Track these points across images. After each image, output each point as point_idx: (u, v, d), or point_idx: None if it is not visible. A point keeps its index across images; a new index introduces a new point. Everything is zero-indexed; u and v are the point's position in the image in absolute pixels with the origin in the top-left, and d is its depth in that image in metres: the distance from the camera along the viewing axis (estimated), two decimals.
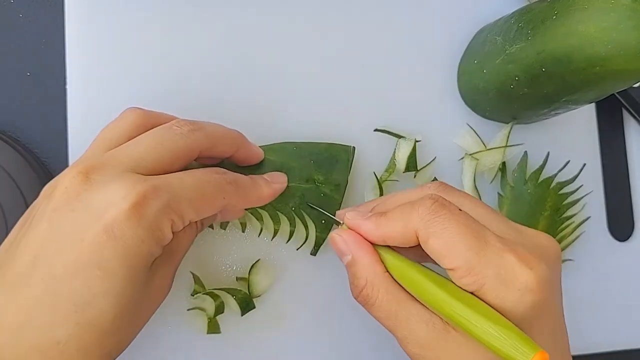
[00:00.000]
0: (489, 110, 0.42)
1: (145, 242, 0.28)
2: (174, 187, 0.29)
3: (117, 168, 0.29)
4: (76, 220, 0.28)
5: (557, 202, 0.42)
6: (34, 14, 0.39)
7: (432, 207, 0.29)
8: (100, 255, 0.27)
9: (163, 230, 0.29)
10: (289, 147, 0.38)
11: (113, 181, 0.28)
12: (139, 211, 0.27)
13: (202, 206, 0.31)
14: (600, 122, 0.46)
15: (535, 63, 0.35)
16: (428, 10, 0.43)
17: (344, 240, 0.33)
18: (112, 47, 0.39)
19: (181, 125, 0.32)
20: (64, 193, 0.28)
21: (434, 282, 0.29)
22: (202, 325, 0.38)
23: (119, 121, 0.33)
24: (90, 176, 0.28)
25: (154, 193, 0.28)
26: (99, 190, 0.28)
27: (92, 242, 0.27)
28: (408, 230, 0.30)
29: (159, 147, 0.30)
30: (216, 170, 0.33)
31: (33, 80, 0.39)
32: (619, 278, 0.45)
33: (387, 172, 0.41)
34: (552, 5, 0.34)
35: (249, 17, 0.41)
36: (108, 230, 0.27)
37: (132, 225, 0.27)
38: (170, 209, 0.29)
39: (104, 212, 0.27)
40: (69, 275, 0.27)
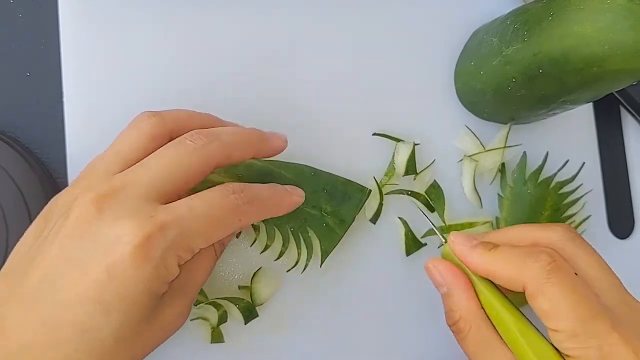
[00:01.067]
0: (487, 112, 0.42)
1: (146, 282, 0.28)
2: (184, 221, 0.29)
3: (130, 198, 0.29)
4: (84, 251, 0.28)
5: (557, 201, 0.42)
6: (34, 15, 0.39)
7: (548, 267, 0.29)
8: (101, 291, 0.27)
9: (168, 268, 0.29)
10: (307, 171, 0.39)
11: (124, 216, 0.28)
12: (142, 252, 0.27)
13: (213, 234, 0.30)
14: (598, 121, 0.46)
15: (532, 64, 0.35)
16: (423, 12, 0.43)
17: (439, 273, 0.33)
18: (108, 46, 0.39)
19: (195, 139, 0.31)
20: (77, 220, 0.29)
21: (525, 334, 0.29)
22: (205, 335, 0.38)
23: (133, 131, 0.32)
24: (101, 206, 0.28)
25: (161, 231, 0.28)
26: (108, 224, 0.28)
27: (95, 277, 0.27)
28: (516, 279, 0.30)
29: (175, 168, 0.30)
30: (233, 188, 0.31)
31: (33, 81, 0.39)
32: (621, 276, 0.44)
33: (387, 176, 0.41)
34: (547, 5, 0.34)
35: (246, 20, 0.41)
36: (110, 270, 0.27)
37: (133, 267, 0.27)
38: (177, 245, 0.29)
39: (110, 249, 0.28)
40: (72, 304, 0.27)
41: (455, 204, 0.42)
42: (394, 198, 0.41)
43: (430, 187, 0.42)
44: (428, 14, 0.43)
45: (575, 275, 0.29)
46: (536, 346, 0.29)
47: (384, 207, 0.41)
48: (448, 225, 0.41)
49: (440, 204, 0.42)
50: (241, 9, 0.41)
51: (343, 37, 0.42)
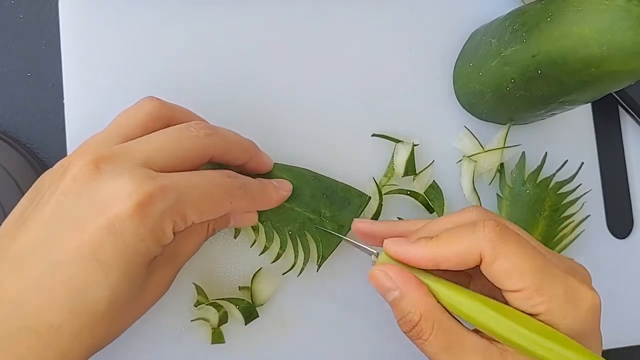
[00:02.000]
0: (486, 112, 0.42)
1: (145, 241, 0.28)
2: (182, 189, 0.29)
3: (129, 161, 0.29)
4: (81, 209, 0.28)
5: (556, 201, 0.42)
6: (34, 15, 0.39)
7: (497, 228, 0.29)
8: (100, 248, 0.27)
9: (164, 231, 0.29)
10: (307, 175, 0.39)
11: (122, 175, 0.28)
12: (143, 211, 0.28)
13: (207, 209, 0.31)
14: (596, 121, 0.46)
15: (530, 65, 0.35)
16: (421, 13, 0.43)
17: (387, 276, 0.30)
18: (109, 46, 0.39)
19: (199, 128, 0.32)
20: (74, 180, 0.29)
21: (494, 309, 0.29)
22: (206, 336, 0.38)
23: (136, 110, 0.33)
24: (100, 166, 0.29)
25: (161, 193, 0.28)
26: (107, 182, 0.28)
27: (93, 234, 0.27)
28: (470, 251, 0.29)
29: (174, 145, 0.31)
30: (227, 173, 0.33)
31: (33, 81, 0.39)
32: (619, 275, 0.45)
33: (386, 176, 0.41)
34: (546, 6, 0.34)
35: (244, 21, 0.41)
36: (110, 226, 0.27)
37: (134, 224, 0.28)
38: (174, 210, 0.29)
39: (109, 206, 0.28)
40: (68, 263, 0.27)
41: (454, 204, 0.42)
42: (393, 198, 0.41)
43: (430, 187, 0.42)
44: (426, 16, 0.43)
45: (518, 233, 0.30)
46: (512, 314, 0.28)
47: (383, 208, 0.41)
48: None
49: (439, 204, 0.42)
50: (239, 9, 0.41)
51: (342, 39, 0.42)
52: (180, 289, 0.38)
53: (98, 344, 0.29)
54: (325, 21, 0.42)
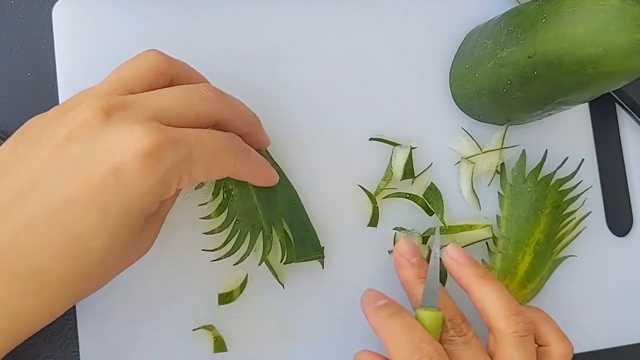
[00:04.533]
0: (483, 114, 0.42)
1: (149, 194, 0.27)
2: (193, 145, 0.29)
3: (139, 113, 0.28)
4: (87, 153, 0.27)
5: (557, 199, 0.42)
6: (34, 15, 0.39)
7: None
8: (103, 195, 0.26)
9: (169, 185, 0.28)
10: (293, 196, 0.39)
11: (133, 123, 0.27)
12: (152, 161, 0.27)
13: (213, 168, 0.31)
14: (594, 119, 0.46)
15: (526, 66, 0.35)
16: (417, 15, 0.43)
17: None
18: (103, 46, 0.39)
19: (209, 90, 0.31)
20: (82, 125, 0.27)
21: None
22: (208, 345, 0.38)
23: (139, 62, 0.31)
24: (112, 113, 0.28)
25: (172, 145, 0.27)
26: (118, 129, 0.27)
27: (98, 180, 0.26)
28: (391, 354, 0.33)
29: (185, 104, 0.30)
30: (232, 135, 0.33)
31: (33, 81, 0.39)
32: (619, 274, 0.45)
33: (384, 180, 0.41)
34: (541, 7, 0.34)
35: (242, 24, 0.41)
36: (117, 172, 0.26)
37: (142, 175, 0.27)
38: (183, 165, 0.28)
39: (118, 153, 0.27)
40: (66, 207, 0.26)
41: (454, 206, 0.42)
42: (392, 202, 0.41)
43: (428, 190, 0.42)
44: (422, 18, 0.43)
45: None
46: None
47: (382, 211, 0.41)
48: (448, 226, 0.42)
49: (439, 206, 0.42)
50: (235, 11, 0.41)
51: (338, 41, 0.42)
52: (181, 297, 0.38)
53: (80, 295, 0.29)
54: (319, 24, 0.42)
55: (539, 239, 0.42)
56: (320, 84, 0.42)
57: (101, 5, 0.39)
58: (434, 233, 0.39)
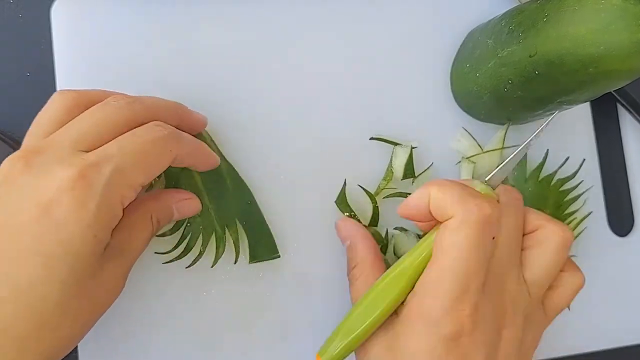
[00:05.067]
0: (484, 113, 0.42)
1: (91, 227, 0.26)
2: (115, 156, 0.28)
3: (58, 150, 0.28)
4: (15, 204, 0.26)
5: (558, 199, 0.42)
6: (34, 15, 0.39)
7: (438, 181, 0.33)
8: (41, 241, 0.26)
9: (114, 207, 0.28)
10: (247, 195, 0.39)
11: (53, 163, 0.27)
12: (81, 190, 0.26)
13: (149, 167, 0.30)
14: (595, 118, 0.45)
15: (528, 66, 0.34)
16: (417, 15, 0.43)
17: (345, 226, 0.38)
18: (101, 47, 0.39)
19: (118, 99, 0.31)
20: (4, 179, 0.27)
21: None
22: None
23: (49, 105, 0.31)
24: (30, 160, 0.27)
25: (95, 168, 0.27)
26: (39, 173, 0.27)
27: (31, 227, 0.26)
28: (423, 198, 0.32)
29: (100, 123, 0.29)
30: (156, 123, 0.31)
31: (33, 80, 0.39)
32: (620, 273, 0.45)
33: (385, 180, 0.41)
34: (542, 7, 0.34)
35: (240, 23, 0.41)
36: (48, 213, 0.26)
37: (75, 208, 0.26)
38: (116, 182, 0.28)
39: (43, 195, 0.26)
40: (8, 260, 0.26)
41: None
42: (392, 202, 0.41)
43: None
44: (422, 17, 0.43)
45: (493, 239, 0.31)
46: None
47: (383, 211, 0.41)
48: None
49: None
50: (235, 11, 0.41)
51: (338, 41, 0.42)
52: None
53: (50, 350, 0.27)
54: (320, 24, 0.42)
55: None
56: (320, 84, 0.41)
57: (100, 5, 0.39)
58: None
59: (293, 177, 0.40)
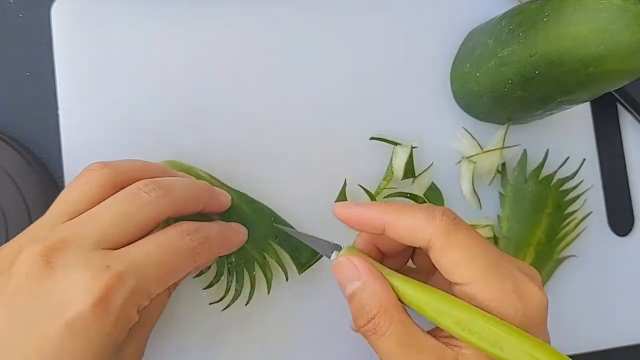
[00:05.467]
0: (484, 113, 0.42)
1: (111, 335, 0.27)
2: (140, 269, 0.28)
3: (80, 247, 0.28)
4: (38, 311, 0.26)
5: (558, 198, 0.42)
6: (34, 15, 0.39)
7: (453, 219, 0.29)
8: (63, 349, 0.26)
9: (129, 316, 0.28)
10: (267, 214, 0.38)
11: (77, 268, 0.27)
12: (103, 306, 0.26)
13: (170, 279, 0.30)
14: (595, 118, 0.46)
15: (528, 66, 0.35)
16: (418, 14, 0.43)
17: (352, 264, 0.30)
18: (102, 48, 0.39)
19: (149, 190, 0.30)
20: (25, 278, 0.27)
21: (453, 304, 0.28)
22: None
23: (82, 184, 0.31)
24: (51, 260, 0.27)
25: (119, 283, 0.27)
26: (61, 279, 0.27)
27: (54, 337, 0.26)
28: (420, 231, 0.29)
29: (126, 219, 0.29)
30: (187, 229, 0.31)
31: (32, 80, 0.39)
32: (620, 273, 0.45)
33: (385, 180, 0.41)
34: (542, 6, 0.34)
35: (240, 24, 0.41)
36: (70, 326, 0.26)
37: (96, 321, 0.26)
38: (136, 294, 0.28)
39: (67, 307, 0.26)
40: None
41: (454, 206, 0.42)
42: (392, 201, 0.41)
43: (429, 189, 0.42)
44: (422, 17, 0.43)
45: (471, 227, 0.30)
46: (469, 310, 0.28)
47: None
48: None
49: (439, 205, 0.42)
50: (235, 12, 0.41)
51: (338, 41, 0.42)
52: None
53: None
54: (321, 24, 0.42)
55: (540, 239, 0.41)
56: (321, 84, 0.41)
57: (100, 4, 0.39)
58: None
59: (293, 177, 0.40)
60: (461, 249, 0.28)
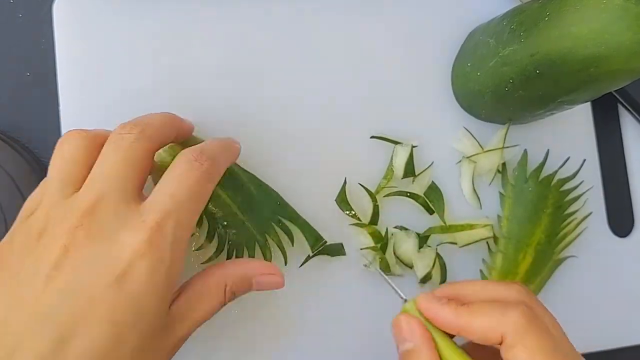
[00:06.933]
0: (485, 113, 0.42)
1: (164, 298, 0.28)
2: (173, 211, 0.29)
3: (110, 208, 0.28)
4: (87, 275, 0.27)
5: (558, 199, 0.42)
6: (34, 15, 0.39)
7: (527, 316, 0.29)
8: (115, 310, 0.26)
9: (179, 264, 0.29)
10: (274, 197, 0.39)
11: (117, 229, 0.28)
12: (152, 257, 0.27)
13: (200, 206, 0.31)
14: (596, 119, 0.45)
15: (529, 65, 0.34)
16: (418, 14, 0.43)
17: (409, 327, 0.32)
18: (102, 46, 0.39)
19: (129, 130, 0.31)
20: (65, 251, 0.27)
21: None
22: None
23: (65, 147, 0.31)
24: (89, 228, 0.27)
25: (160, 230, 0.28)
26: (106, 243, 0.27)
27: (107, 297, 0.26)
28: (494, 331, 0.29)
29: (126, 164, 0.30)
30: (192, 156, 0.31)
31: (33, 80, 0.39)
32: (620, 274, 0.45)
33: (385, 179, 0.41)
34: (543, 6, 0.34)
35: (241, 22, 0.41)
36: (124, 284, 0.26)
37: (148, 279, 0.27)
38: (179, 235, 0.29)
39: (117, 266, 0.27)
40: (82, 328, 0.26)
41: (454, 206, 0.42)
42: (393, 200, 0.41)
43: (429, 189, 0.42)
44: (423, 16, 0.43)
45: (547, 326, 0.30)
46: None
47: (383, 209, 0.41)
48: (449, 226, 0.41)
49: (439, 205, 0.42)
50: (235, 11, 0.41)
51: (339, 40, 0.42)
52: None
53: None
54: (322, 24, 0.42)
55: (540, 239, 0.41)
56: (322, 83, 0.41)
57: (101, 3, 0.39)
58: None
59: (293, 176, 0.40)
60: (527, 348, 0.28)
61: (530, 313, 0.29)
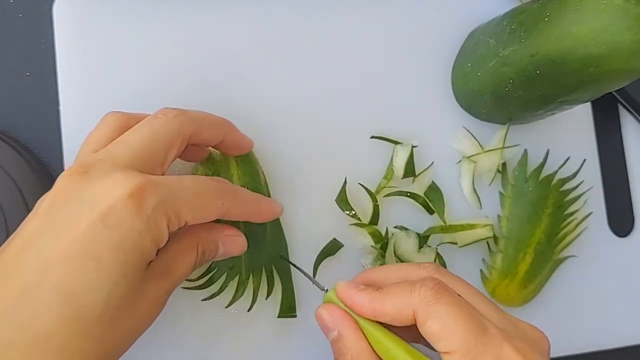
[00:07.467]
0: (485, 113, 0.42)
1: (142, 235, 0.27)
2: (173, 186, 0.29)
3: (114, 163, 0.29)
4: (71, 211, 0.27)
5: (558, 199, 0.42)
6: (33, 15, 0.39)
7: (434, 288, 0.29)
8: (95, 244, 0.26)
9: (160, 226, 0.28)
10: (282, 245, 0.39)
11: (110, 174, 0.28)
12: (137, 201, 0.27)
13: (199, 208, 0.30)
14: (596, 119, 0.46)
15: (529, 65, 0.35)
16: (419, 14, 0.43)
17: (330, 316, 0.32)
18: (102, 46, 0.39)
19: (166, 112, 0.32)
20: (60, 189, 0.28)
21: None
22: None
23: (102, 126, 0.32)
24: (87, 171, 0.28)
25: (153, 187, 0.28)
26: (96, 182, 0.28)
27: (86, 231, 0.26)
28: (405, 309, 0.29)
29: (151, 137, 0.30)
30: (217, 178, 0.33)
31: (32, 80, 0.39)
32: (620, 274, 0.45)
33: (386, 178, 0.41)
34: (544, 6, 0.34)
35: (241, 22, 0.41)
36: (104, 218, 0.27)
37: (129, 214, 0.27)
38: (167, 204, 0.28)
39: (101, 201, 0.27)
40: (58, 265, 0.26)
41: (454, 205, 0.42)
42: (393, 200, 0.41)
43: (429, 188, 0.42)
44: (424, 16, 0.43)
45: (460, 296, 0.30)
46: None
47: (383, 209, 0.41)
48: (449, 225, 0.41)
49: (439, 205, 0.42)
50: (235, 12, 0.41)
51: (340, 40, 0.42)
52: None
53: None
54: (322, 23, 0.42)
55: (540, 239, 0.41)
56: (322, 83, 0.41)
57: (102, 3, 0.39)
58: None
59: (294, 175, 0.40)
60: (439, 319, 0.28)
61: (436, 284, 0.29)
